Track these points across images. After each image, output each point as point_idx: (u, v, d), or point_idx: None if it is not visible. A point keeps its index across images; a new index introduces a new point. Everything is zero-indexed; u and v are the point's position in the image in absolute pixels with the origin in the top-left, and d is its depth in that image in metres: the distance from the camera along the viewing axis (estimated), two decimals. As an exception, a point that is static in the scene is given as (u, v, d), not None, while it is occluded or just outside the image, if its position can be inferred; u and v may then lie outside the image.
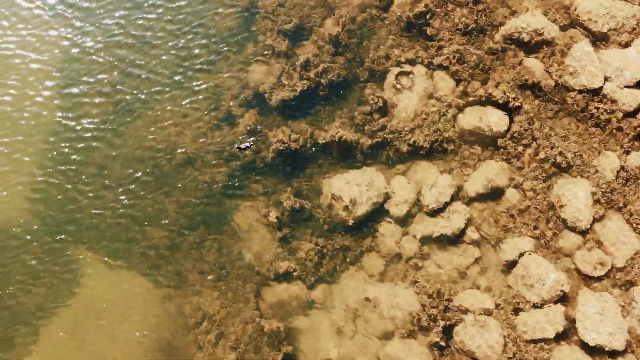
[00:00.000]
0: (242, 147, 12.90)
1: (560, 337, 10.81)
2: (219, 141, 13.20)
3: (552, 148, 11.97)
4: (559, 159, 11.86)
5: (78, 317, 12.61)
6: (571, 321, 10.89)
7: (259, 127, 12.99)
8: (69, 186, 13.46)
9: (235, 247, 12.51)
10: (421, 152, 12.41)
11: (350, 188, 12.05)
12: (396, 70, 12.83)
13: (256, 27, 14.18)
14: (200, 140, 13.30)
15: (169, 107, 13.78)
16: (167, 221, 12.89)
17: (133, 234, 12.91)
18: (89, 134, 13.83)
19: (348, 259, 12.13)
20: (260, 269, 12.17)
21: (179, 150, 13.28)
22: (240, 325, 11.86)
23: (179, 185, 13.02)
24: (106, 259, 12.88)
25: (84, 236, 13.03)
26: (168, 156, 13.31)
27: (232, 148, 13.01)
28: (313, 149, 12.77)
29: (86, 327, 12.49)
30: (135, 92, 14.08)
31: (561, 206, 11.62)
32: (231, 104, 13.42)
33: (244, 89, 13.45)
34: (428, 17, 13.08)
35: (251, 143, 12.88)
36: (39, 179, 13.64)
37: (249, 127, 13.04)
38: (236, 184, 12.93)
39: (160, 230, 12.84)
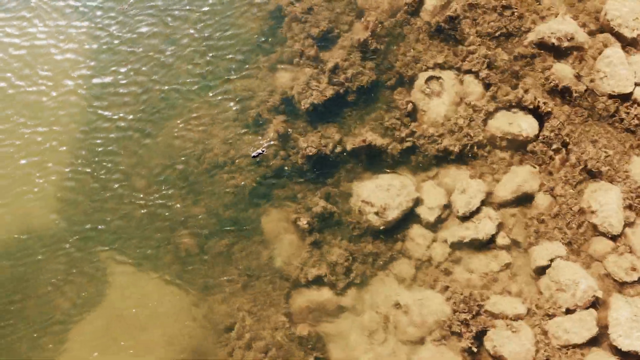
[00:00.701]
0: (255, 154, 12.90)
1: (593, 342, 10.78)
2: (248, 145, 13.18)
3: (582, 153, 11.95)
4: (589, 164, 11.85)
5: (106, 321, 12.58)
6: (603, 327, 10.87)
7: (289, 130, 12.97)
8: (99, 183, 13.48)
9: (264, 252, 12.50)
10: (451, 157, 12.43)
11: (381, 193, 12.05)
12: (425, 75, 12.84)
13: (284, 30, 14.20)
14: (229, 144, 13.30)
15: (198, 110, 13.80)
16: (195, 224, 12.87)
17: (161, 237, 12.89)
18: (119, 130, 13.89)
19: (378, 264, 12.10)
20: (290, 274, 12.17)
21: (208, 153, 13.28)
22: (271, 331, 11.85)
23: (208, 189, 13.02)
24: (135, 260, 12.87)
25: (113, 236, 13.04)
26: (197, 159, 13.33)
27: (256, 152, 13.02)
28: (342, 154, 12.75)
29: (115, 329, 12.46)
30: (165, 88, 14.14)
31: (592, 211, 11.60)
32: (260, 108, 13.41)
33: (272, 93, 13.46)
34: (457, 21, 13.07)
35: (263, 150, 12.88)
36: (70, 172, 13.67)
37: (277, 133, 13.05)
38: (265, 188, 12.91)
39: (188, 234, 12.82)
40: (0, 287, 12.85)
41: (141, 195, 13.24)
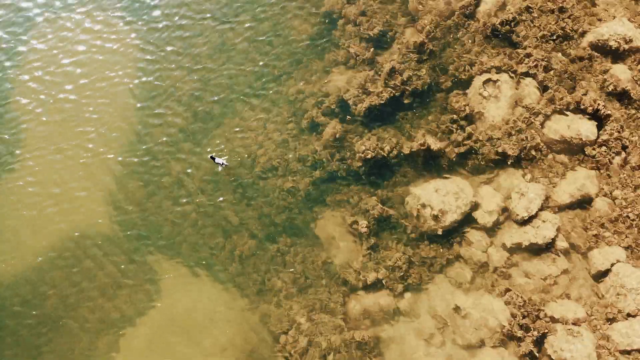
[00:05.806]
0: (218, 161, 12.82)
1: (657, 347, 10.73)
2: (303, 149, 13.17)
3: (642, 156, 11.89)
4: (649, 167, 11.79)
5: (160, 326, 12.59)
6: (667, 331, 10.81)
7: (344, 133, 12.89)
8: (151, 187, 13.53)
9: (319, 256, 12.47)
10: (508, 160, 12.34)
11: (440, 197, 11.98)
12: (482, 78, 12.75)
13: (337, 33, 14.17)
14: (283, 148, 13.30)
15: (249, 114, 13.78)
16: (249, 228, 12.86)
17: (214, 241, 12.91)
18: (170, 142, 13.89)
19: (435, 268, 12.05)
20: (347, 278, 12.12)
21: (262, 157, 13.26)
22: (329, 335, 11.80)
23: (262, 193, 13.01)
24: (187, 266, 12.88)
25: (165, 244, 13.06)
26: (250, 163, 13.30)
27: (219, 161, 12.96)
28: (398, 157, 12.70)
29: (168, 336, 12.47)
30: (215, 98, 14.13)
31: (653, 215, 11.53)
32: (314, 110, 13.38)
33: (327, 96, 13.44)
34: (513, 24, 12.99)
35: (224, 163, 12.81)
36: (122, 175, 13.76)
37: (332, 136, 13.00)
38: (320, 192, 12.89)
39: (243, 239, 12.81)
40: (55, 292, 12.90)
41: (193, 200, 13.25)
